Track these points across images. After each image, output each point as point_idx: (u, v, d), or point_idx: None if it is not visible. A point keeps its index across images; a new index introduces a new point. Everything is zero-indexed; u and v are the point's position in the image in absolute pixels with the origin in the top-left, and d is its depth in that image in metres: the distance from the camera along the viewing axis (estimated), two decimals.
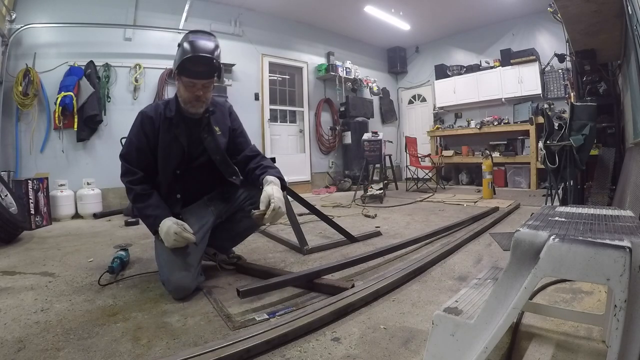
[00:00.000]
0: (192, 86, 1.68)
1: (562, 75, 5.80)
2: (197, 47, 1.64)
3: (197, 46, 1.64)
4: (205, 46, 1.66)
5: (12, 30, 3.89)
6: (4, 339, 1.25)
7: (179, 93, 1.75)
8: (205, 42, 1.68)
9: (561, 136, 3.06)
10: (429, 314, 1.25)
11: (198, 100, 1.72)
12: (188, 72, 1.64)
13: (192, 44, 1.64)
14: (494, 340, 0.80)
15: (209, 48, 1.67)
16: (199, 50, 1.64)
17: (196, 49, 1.63)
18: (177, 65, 1.65)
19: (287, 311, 1.44)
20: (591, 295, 1.51)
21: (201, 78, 1.67)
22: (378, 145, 5.19)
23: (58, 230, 3.39)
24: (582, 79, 3.78)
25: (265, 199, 1.61)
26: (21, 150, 3.98)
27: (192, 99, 1.71)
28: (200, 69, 1.65)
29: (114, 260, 2.00)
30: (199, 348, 1.11)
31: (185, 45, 1.65)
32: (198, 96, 1.70)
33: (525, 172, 5.94)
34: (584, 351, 1.09)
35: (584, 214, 1.06)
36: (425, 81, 7.88)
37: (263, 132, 5.95)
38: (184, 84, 1.69)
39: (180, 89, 1.72)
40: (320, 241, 2.58)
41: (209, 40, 1.70)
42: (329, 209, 4.18)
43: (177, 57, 1.67)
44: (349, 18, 6.38)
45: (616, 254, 0.69)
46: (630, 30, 2.30)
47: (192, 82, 1.67)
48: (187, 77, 1.66)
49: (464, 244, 2.39)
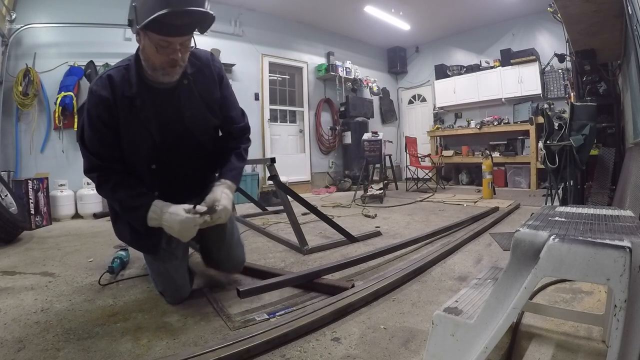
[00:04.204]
0: (166, 47, 1.16)
1: (562, 75, 5.80)
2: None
3: None
4: None
5: (12, 30, 3.89)
6: (4, 339, 1.25)
7: (144, 55, 1.22)
8: None
9: (561, 136, 3.06)
10: (429, 314, 1.25)
11: (173, 65, 1.22)
12: (161, 27, 1.10)
13: None
14: (494, 340, 0.80)
15: None
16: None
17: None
18: (144, 17, 1.08)
19: (287, 311, 1.44)
20: (591, 295, 1.51)
21: (181, 35, 1.16)
22: (378, 145, 5.19)
23: (58, 230, 3.38)
24: (582, 79, 3.78)
25: (210, 201, 1.33)
26: (21, 150, 3.98)
27: (164, 64, 1.21)
28: (181, 22, 1.12)
29: (114, 260, 2.01)
30: (199, 348, 1.11)
31: None
32: (174, 60, 1.20)
33: (525, 172, 5.94)
34: (584, 351, 1.09)
35: (584, 214, 1.06)
36: (425, 81, 7.88)
37: (263, 132, 5.95)
38: (153, 43, 1.16)
39: (147, 49, 1.19)
40: (320, 241, 2.58)
41: None
42: (329, 209, 4.18)
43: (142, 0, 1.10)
44: (349, 18, 6.38)
45: (616, 254, 0.69)
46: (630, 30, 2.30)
47: (167, 42, 1.15)
48: (160, 35, 1.13)
49: (464, 244, 2.39)
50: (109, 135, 1.29)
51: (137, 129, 1.30)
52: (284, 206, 2.61)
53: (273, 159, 2.59)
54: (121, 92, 1.26)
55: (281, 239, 2.66)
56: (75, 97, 4.05)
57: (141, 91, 1.28)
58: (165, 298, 1.58)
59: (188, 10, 1.09)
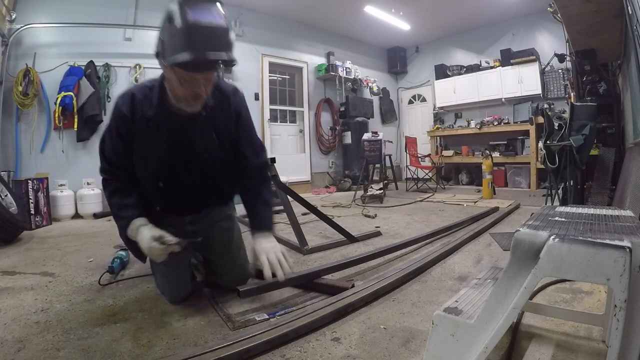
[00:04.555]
0: (190, 81, 1.23)
1: (562, 75, 5.80)
2: (204, 36, 1.13)
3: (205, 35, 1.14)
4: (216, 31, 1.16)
5: (12, 30, 3.89)
6: (4, 339, 1.25)
7: (169, 85, 1.31)
8: (213, 19, 1.15)
9: (561, 136, 3.06)
10: (429, 314, 1.25)
11: (196, 98, 1.29)
12: (186, 64, 1.16)
13: (196, 28, 1.12)
14: (494, 340, 0.80)
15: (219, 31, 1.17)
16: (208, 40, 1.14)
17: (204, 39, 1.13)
18: (170, 54, 1.17)
19: (287, 311, 1.44)
20: (591, 295, 1.51)
21: (205, 71, 1.23)
22: (378, 145, 5.19)
23: (58, 230, 3.38)
24: (582, 79, 3.78)
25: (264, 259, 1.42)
26: (21, 150, 3.98)
27: (188, 97, 1.28)
28: (207, 61, 1.17)
29: (114, 260, 2.00)
30: (199, 348, 1.11)
31: (182, 26, 1.12)
32: (198, 93, 1.27)
33: (525, 172, 5.94)
34: (584, 351, 1.09)
35: (584, 214, 1.06)
36: (425, 81, 7.88)
37: (263, 132, 5.95)
38: (177, 77, 1.23)
39: (172, 81, 1.27)
40: (320, 241, 2.58)
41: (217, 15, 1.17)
42: (329, 209, 4.18)
43: (168, 37, 1.17)
44: (349, 18, 6.38)
45: (616, 254, 0.69)
46: (630, 30, 2.30)
47: (192, 77, 1.22)
48: (186, 71, 1.20)
49: (464, 244, 2.39)
50: (122, 146, 1.39)
51: (149, 148, 1.38)
52: (284, 206, 2.61)
53: (273, 159, 2.59)
54: (140, 111, 1.35)
55: (281, 239, 2.65)
56: (75, 97, 4.04)
57: (159, 114, 1.36)
58: (165, 296, 1.59)
59: (210, 60, 1.16)
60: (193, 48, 1.13)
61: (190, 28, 1.13)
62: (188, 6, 1.13)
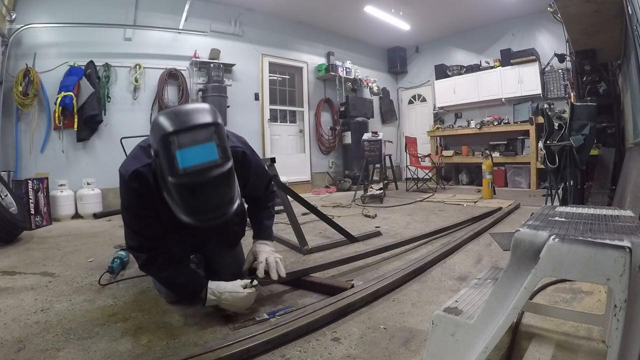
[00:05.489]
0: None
1: (562, 75, 5.80)
2: (203, 200, 1.12)
3: (204, 199, 1.12)
4: (216, 195, 1.13)
5: (12, 30, 3.89)
6: (4, 339, 1.25)
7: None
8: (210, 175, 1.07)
9: (561, 136, 3.06)
10: (429, 314, 1.25)
11: None
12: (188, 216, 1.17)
13: (189, 183, 1.06)
14: (494, 340, 0.80)
15: (218, 195, 1.14)
16: (208, 202, 1.13)
17: (206, 207, 1.14)
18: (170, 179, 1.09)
19: (287, 311, 1.44)
20: (591, 295, 1.51)
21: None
22: (378, 145, 5.19)
23: (58, 230, 3.38)
24: (582, 79, 3.78)
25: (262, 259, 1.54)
26: (21, 150, 3.97)
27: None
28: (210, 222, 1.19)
29: (114, 260, 2.01)
30: (199, 348, 1.11)
31: (174, 174, 1.06)
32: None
33: (525, 172, 5.94)
34: (584, 351, 1.09)
35: (584, 214, 1.06)
36: (425, 81, 7.88)
37: (263, 132, 5.95)
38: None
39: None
40: (320, 241, 2.58)
41: (208, 151, 1.08)
42: (329, 209, 4.18)
43: (165, 163, 1.08)
44: (349, 18, 6.38)
45: (616, 254, 0.69)
46: (630, 30, 2.30)
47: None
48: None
49: (464, 244, 2.39)
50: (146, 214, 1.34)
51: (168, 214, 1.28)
52: (284, 206, 2.61)
53: (273, 159, 2.59)
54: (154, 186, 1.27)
55: (281, 239, 2.66)
56: (75, 97, 4.04)
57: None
58: (162, 296, 1.60)
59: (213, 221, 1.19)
60: (193, 214, 1.15)
61: (182, 175, 1.05)
62: (175, 137, 1.05)
